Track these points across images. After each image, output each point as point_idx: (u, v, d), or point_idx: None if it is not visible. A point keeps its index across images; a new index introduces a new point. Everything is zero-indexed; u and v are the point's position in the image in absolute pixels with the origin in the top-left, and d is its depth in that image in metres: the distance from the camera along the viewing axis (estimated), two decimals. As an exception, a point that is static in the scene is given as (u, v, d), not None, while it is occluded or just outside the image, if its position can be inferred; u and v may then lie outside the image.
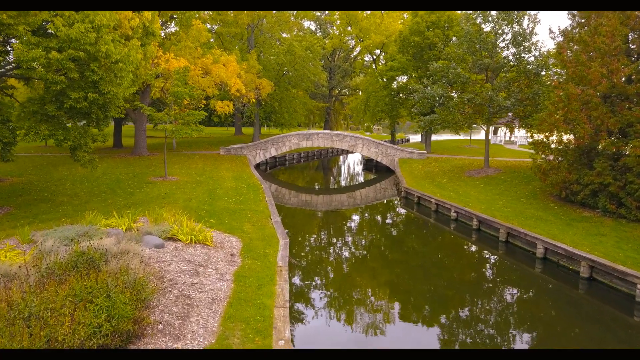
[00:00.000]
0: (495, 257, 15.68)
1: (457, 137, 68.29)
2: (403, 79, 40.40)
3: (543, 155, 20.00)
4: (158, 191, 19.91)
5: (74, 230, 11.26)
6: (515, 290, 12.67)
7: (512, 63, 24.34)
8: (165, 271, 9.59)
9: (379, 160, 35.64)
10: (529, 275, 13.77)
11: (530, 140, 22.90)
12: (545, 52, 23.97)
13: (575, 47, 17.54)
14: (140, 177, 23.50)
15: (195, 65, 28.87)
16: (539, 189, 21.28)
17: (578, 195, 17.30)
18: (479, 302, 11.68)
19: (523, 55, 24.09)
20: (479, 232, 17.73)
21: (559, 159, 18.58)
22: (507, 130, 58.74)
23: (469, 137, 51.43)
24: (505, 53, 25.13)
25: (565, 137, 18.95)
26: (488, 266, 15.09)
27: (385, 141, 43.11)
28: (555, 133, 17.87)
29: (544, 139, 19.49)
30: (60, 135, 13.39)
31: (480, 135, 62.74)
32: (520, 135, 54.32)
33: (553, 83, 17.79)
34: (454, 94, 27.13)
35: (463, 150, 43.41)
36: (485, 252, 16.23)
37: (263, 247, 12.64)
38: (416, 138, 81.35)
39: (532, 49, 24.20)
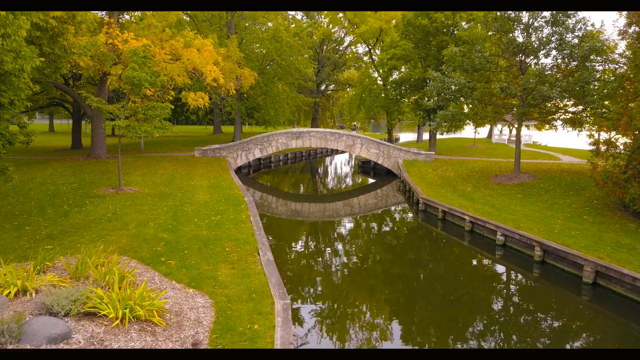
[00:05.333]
0: (594, 311, 10.97)
1: (455, 135, 64.30)
2: (404, 69, 35.63)
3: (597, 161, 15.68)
4: (104, 210, 14.73)
5: None
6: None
7: (555, 44, 19.74)
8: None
9: (379, 162, 30.94)
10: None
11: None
12: (594, 31, 19.47)
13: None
14: (88, 188, 18.25)
15: (162, 49, 23.64)
16: (597, 201, 16.82)
17: (675, 214, 12.83)
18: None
19: (567, 35, 19.55)
20: (544, 266, 13.06)
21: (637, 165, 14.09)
22: (505, 128, 54.89)
23: (472, 137, 47.02)
24: (541, 34, 20.58)
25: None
26: (593, 330, 10.40)
27: (382, 140, 38.40)
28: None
29: (614, 140, 15.03)
30: None
31: (480, 135, 58.49)
32: (525, 133, 50.31)
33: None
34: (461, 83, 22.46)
35: (469, 150, 38.99)
36: (574, 302, 11.35)
37: (249, 317, 7.71)
38: (407, 137, 76.97)
39: (576, 29, 19.71)
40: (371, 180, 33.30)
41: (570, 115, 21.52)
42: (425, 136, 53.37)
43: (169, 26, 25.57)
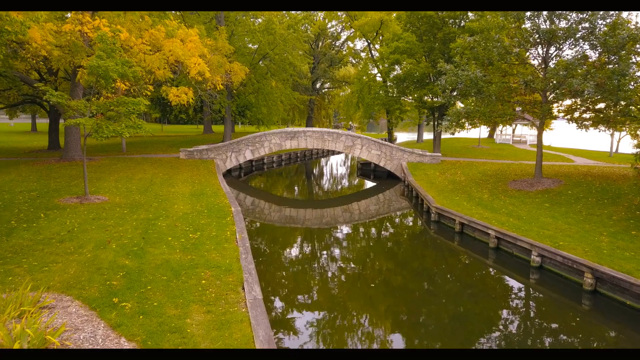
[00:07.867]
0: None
1: (457, 135, 62.21)
2: (405, 64, 33.19)
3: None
4: (59, 226, 12.18)
5: None
6: None
7: (583, 32, 17.41)
8: None
9: (381, 164, 28.57)
10: None
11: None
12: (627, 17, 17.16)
13: None
14: (49, 197, 15.69)
15: (141, 38, 21.08)
16: (640, 212, 14.49)
17: None
18: None
19: (599, 22, 17.24)
20: (596, 297, 10.68)
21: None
22: (507, 128, 52.67)
23: (477, 137, 44.76)
24: (565, 22, 18.27)
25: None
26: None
27: (382, 139, 35.91)
28: None
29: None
30: None
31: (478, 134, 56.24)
32: (531, 132, 48.13)
33: None
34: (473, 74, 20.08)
35: (475, 151, 36.72)
36: None
37: (224, 403, 5.25)
38: (404, 137, 74.59)
39: (607, 15, 17.39)
40: (372, 184, 30.88)
41: (592, 113, 19.30)
42: (426, 136, 51.12)
43: (149, 13, 23.04)
